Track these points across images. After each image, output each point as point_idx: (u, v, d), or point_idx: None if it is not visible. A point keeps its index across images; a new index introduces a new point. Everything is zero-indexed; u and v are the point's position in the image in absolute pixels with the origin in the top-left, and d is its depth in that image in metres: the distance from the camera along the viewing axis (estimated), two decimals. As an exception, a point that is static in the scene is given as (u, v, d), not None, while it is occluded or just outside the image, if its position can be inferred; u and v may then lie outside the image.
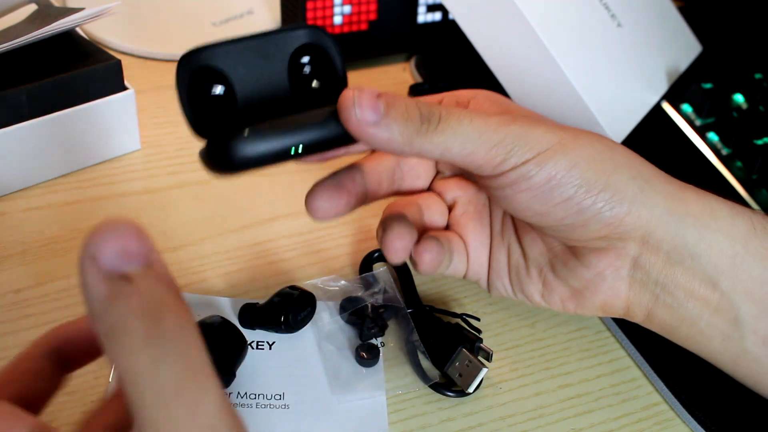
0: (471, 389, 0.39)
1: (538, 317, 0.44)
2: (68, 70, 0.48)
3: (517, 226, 0.39)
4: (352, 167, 0.38)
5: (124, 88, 0.51)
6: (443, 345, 0.40)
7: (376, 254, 0.46)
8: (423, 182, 0.41)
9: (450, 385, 0.40)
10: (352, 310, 0.42)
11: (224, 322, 0.38)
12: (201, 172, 0.52)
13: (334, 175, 0.37)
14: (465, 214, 0.41)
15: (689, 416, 0.39)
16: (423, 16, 0.64)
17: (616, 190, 0.34)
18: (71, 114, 0.49)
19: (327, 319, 0.42)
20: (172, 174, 0.52)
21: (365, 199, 0.38)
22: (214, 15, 0.68)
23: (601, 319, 0.45)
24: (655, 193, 0.35)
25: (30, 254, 0.45)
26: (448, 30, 0.63)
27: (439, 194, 0.41)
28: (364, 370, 0.40)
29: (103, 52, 0.51)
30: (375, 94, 0.32)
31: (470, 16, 0.52)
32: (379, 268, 0.45)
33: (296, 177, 0.53)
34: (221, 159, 0.31)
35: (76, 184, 0.50)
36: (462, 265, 0.40)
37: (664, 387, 0.41)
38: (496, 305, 0.45)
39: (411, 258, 0.37)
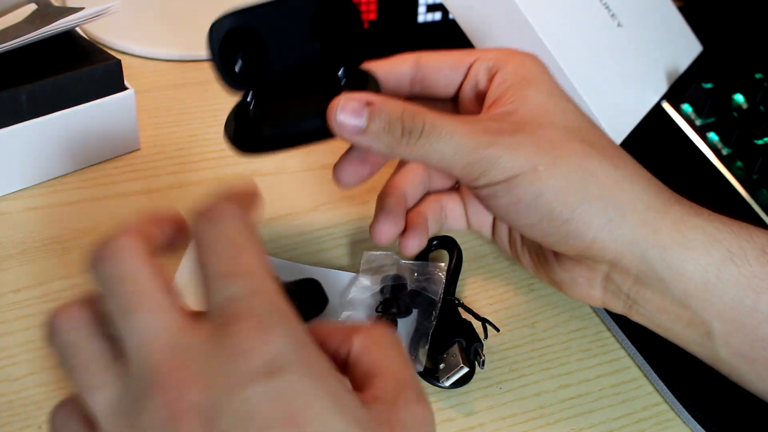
0: (446, 383, 0.39)
1: (538, 317, 0.44)
2: (68, 70, 0.48)
3: None
4: None
5: (124, 88, 0.51)
6: (445, 334, 0.40)
7: (435, 242, 0.47)
8: None
9: (435, 372, 0.40)
10: (386, 286, 0.43)
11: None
12: (201, 172, 0.52)
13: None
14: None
15: (689, 416, 0.39)
16: (423, 16, 0.64)
17: (579, 222, 0.35)
18: (71, 114, 0.49)
19: (354, 291, 0.43)
20: (172, 174, 0.52)
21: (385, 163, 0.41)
22: (214, 15, 0.68)
23: (601, 319, 0.45)
24: (624, 224, 0.35)
25: (30, 254, 0.45)
26: (448, 30, 0.63)
27: None
28: None
29: (103, 52, 0.51)
30: (362, 102, 0.34)
31: (470, 15, 0.52)
32: (436, 259, 0.47)
33: (296, 177, 0.53)
34: (243, 145, 0.37)
35: (76, 184, 0.50)
36: (458, 224, 0.44)
37: (664, 387, 0.41)
38: (496, 305, 0.45)
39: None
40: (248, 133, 0.36)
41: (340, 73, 0.39)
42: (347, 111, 0.34)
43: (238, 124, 0.38)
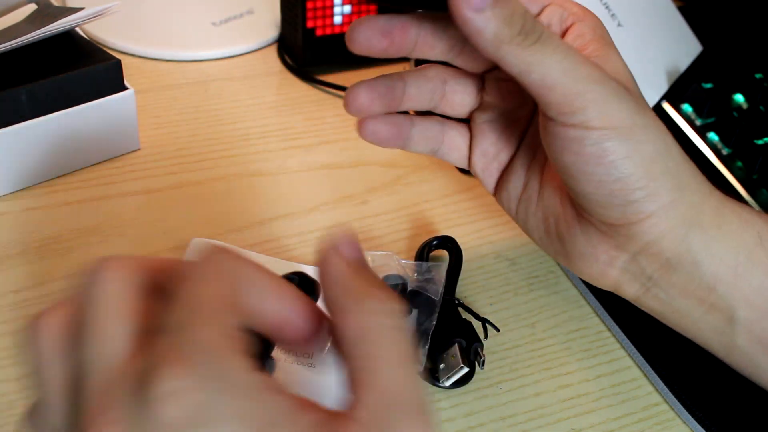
0: (446, 383, 0.39)
1: (538, 317, 0.44)
2: (68, 70, 0.48)
3: (545, 172, 0.39)
4: (397, 76, 0.39)
5: (124, 88, 0.51)
6: (445, 334, 0.40)
7: (435, 242, 0.46)
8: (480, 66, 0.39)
9: (435, 372, 0.40)
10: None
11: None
12: (201, 172, 0.52)
13: (378, 79, 0.38)
14: (492, 123, 0.40)
15: (689, 416, 0.39)
16: (423, 16, 0.64)
17: (650, 193, 0.34)
18: (71, 114, 0.49)
19: None
20: (172, 174, 0.52)
21: (401, 105, 0.39)
22: (214, 15, 0.68)
23: (601, 319, 0.45)
24: (681, 204, 0.34)
25: (30, 254, 0.45)
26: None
27: (483, 87, 0.40)
28: None
29: (103, 52, 0.51)
30: None
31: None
32: (436, 259, 0.46)
33: (296, 177, 0.53)
34: None
35: (76, 184, 0.50)
36: (455, 155, 0.41)
37: (664, 387, 0.41)
38: (496, 305, 0.45)
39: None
40: None
41: None
42: None
43: None
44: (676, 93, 0.57)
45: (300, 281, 0.42)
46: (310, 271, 0.44)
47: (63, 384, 0.24)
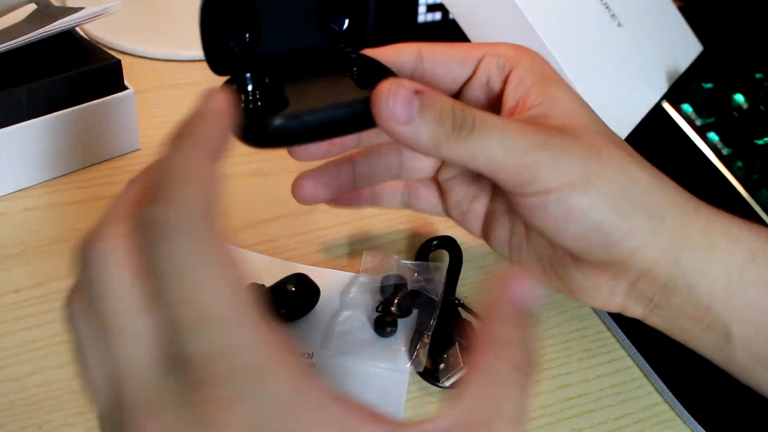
0: (446, 383, 0.39)
1: (538, 317, 0.44)
2: (68, 70, 0.48)
3: None
4: (344, 160, 0.40)
5: (124, 88, 0.51)
6: (445, 334, 0.40)
7: (435, 242, 0.46)
8: None
9: (435, 372, 0.40)
10: (386, 286, 0.43)
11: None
12: (201, 172, 0.52)
13: (323, 168, 0.40)
14: (458, 177, 0.41)
15: (689, 416, 0.39)
16: (423, 16, 0.64)
17: (627, 232, 0.34)
18: (71, 114, 0.49)
19: (354, 291, 0.43)
20: (172, 174, 0.52)
21: (354, 185, 0.41)
22: (214, 15, 0.68)
23: (601, 318, 0.45)
24: (663, 232, 0.34)
25: (30, 254, 0.45)
26: (448, 30, 0.63)
27: None
28: (382, 340, 0.41)
29: (103, 52, 0.51)
30: (412, 90, 0.31)
31: (470, 15, 0.52)
32: (436, 259, 0.47)
33: (296, 177, 0.53)
34: (253, 137, 0.31)
35: (76, 184, 0.50)
36: (429, 206, 0.42)
37: (665, 387, 0.41)
38: (496, 305, 0.45)
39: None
40: (265, 123, 0.30)
41: (354, 56, 0.35)
42: (399, 99, 0.31)
43: (245, 113, 0.31)
44: (676, 93, 0.57)
45: (298, 282, 0.42)
46: (310, 271, 0.44)
47: (102, 378, 0.24)
